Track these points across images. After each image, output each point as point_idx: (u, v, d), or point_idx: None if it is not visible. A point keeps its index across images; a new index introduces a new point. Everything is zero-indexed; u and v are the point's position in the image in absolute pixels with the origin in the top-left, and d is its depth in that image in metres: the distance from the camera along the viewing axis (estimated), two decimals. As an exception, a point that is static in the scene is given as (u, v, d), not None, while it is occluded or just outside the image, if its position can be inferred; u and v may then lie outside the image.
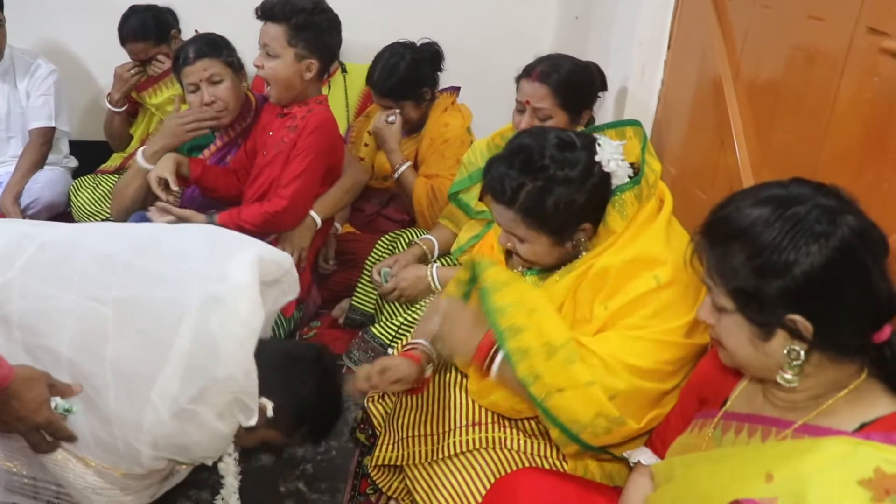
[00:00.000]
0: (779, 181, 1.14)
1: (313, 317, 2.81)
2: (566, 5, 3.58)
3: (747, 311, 1.09)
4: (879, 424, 1.05)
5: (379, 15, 3.61)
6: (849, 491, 0.94)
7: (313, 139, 2.36)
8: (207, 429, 1.48)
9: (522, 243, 1.60)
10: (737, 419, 1.25)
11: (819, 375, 1.09)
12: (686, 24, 2.36)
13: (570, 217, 1.54)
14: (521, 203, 1.53)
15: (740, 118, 1.91)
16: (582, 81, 2.24)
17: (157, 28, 3.14)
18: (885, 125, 1.39)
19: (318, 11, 2.37)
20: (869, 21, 1.44)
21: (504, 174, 1.54)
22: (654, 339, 1.49)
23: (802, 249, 1.01)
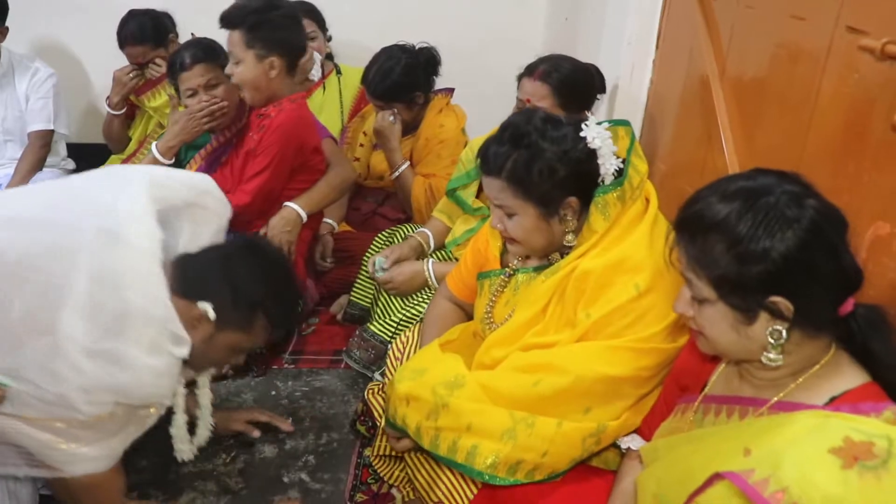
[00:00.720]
0: (742, 173, 1.22)
1: (311, 313, 2.85)
2: (556, 7, 3.62)
3: (730, 299, 1.14)
4: (848, 397, 1.12)
5: (372, 17, 3.65)
6: (820, 459, 0.99)
7: (276, 137, 2.40)
8: (137, 366, 1.45)
9: (511, 219, 1.63)
10: (716, 402, 1.32)
11: (798, 352, 1.16)
12: (674, 24, 2.40)
13: (555, 186, 1.58)
14: (508, 171, 1.58)
15: (727, 114, 1.96)
16: (582, 82, 2.28)
17: (155, 32, 3.17)
18: (865, 119, 1.44)
19: (269, 9, 2.37)
20: (848, 20, 1.49)
21: (494, 149, 1.60)
22: (632, 348, 1.54)
23: (778, 235, 1.08)
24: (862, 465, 0.97)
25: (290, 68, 2.46)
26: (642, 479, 1.38)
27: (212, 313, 1.58)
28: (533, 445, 1.52)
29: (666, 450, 1.35)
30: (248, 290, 1.62)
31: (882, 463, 0.97)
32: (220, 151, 2.69)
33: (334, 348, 2.66)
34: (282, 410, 2.34)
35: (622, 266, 1.57)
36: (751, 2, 1.91)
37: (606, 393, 1.55)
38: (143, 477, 2.03)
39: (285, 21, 2.40)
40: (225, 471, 2.07)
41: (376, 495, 1.98)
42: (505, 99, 3.43)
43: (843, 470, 0.98)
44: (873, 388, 1.14)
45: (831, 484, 0.97)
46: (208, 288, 1.59)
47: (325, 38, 3.32)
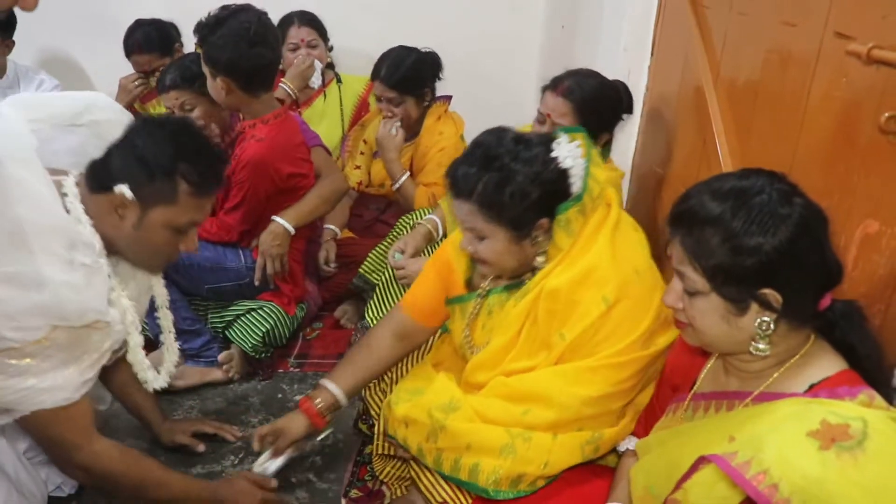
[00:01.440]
0: (733, 172, 1.30)
1: (316, 318, 2.90)
2: (553, 14, 3.66)
3: (723, 290, 1.20)
4: (826, 383, 1.19)
5: (371, 25, 3.69)
6: (799, 442, 1.05)
7: (247, 174, 2.38)
8: (52, 284, 1.42)
9: (482, 241, 1.61)
10: (704, 398, 1.38)
11: (782, 343, 1.23)
12: (668, 31, 2.45)
13: (526, 209, 1.56)
14: (478, 194, 1.56)
15: (721, 119, 2.00)
16: (606, 103, 2.21)
17: (160, 41, 3.23)
18: (853, 122, 1.48)
19: (216, 27, 2.28)
20: (836, 26, 1.53)
21: (464, 171, 1.58)
22: (609, 364, 1.56)
23: (770, 230, 1.15)
24: (839, 446, 1.03)
25: (246, 89, 2.35)
26: (634, 472, 1.44)
27: (128, 193, 1.57)
28: (532, 458, 1.55)
29: (656, 443, 1.42)
30: (157, 159, 1.60)
31: (858, 443, 1.02)
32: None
33: (338, 352, 2.70)
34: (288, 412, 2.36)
35: (588, 280, 1.58)
36: (743, 8, 1.95)
37: (594, 412, 1.58)
38: (153, 478, 2.07)
39: (227, 41, 2.27)
40: (234, 472, 2.11)
41: (371, 492, 2.02)
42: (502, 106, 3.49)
43: (820, 451, 1.03)
44: (850, 375, 1.20)
45: (810, 465, 1.03)
46: (119, 171, 1.58)
47: (326, 46, 3.36)
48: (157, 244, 1.67)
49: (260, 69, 2.37)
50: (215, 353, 2.54)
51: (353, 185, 3.10)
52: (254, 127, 2.42)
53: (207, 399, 2.46)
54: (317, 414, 1.87)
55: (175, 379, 2.44)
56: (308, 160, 2.58)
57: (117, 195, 1.58)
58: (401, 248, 2.48)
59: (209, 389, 2.50)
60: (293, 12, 3.23)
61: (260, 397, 2.48)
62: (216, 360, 2.53)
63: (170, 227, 1.66)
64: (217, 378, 2.52)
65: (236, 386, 2.53)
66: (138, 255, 1.66)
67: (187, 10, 3.30)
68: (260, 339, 2.50)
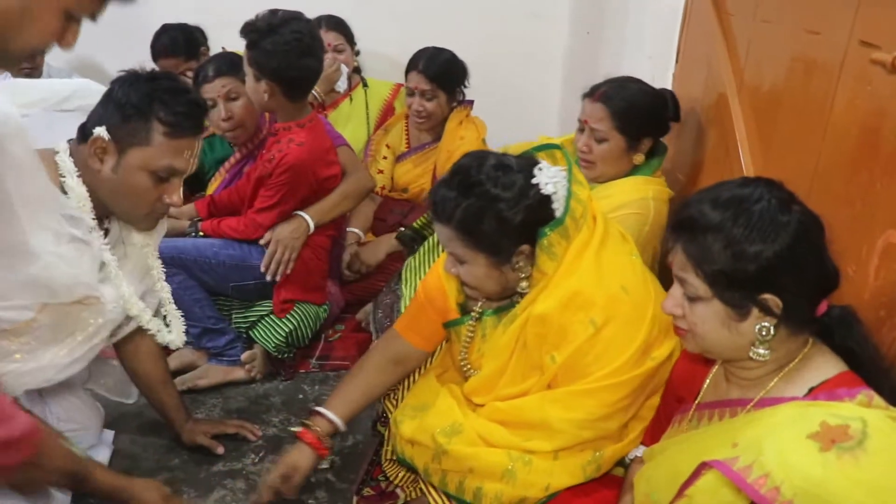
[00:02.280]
0: (733, 181, 1.30)
1: (337, 320, 2.91)
2: (577, 21, 3.67)
3: (725, 296, 1.22)
4: (825, 386, 1.20)
5: (396, 32, 3.71)
6: (799, 444, 1.06)
7: (286, 177, 2.41)
8: (45, 256, 1.46)
9: (463, 265, 1.61)
10: (708, 407, 1.39)
11: (782, 348, 1.24)
12: (693, 38, 2.45)
13: (506, 236, 1.55)
14: (457, 220, 1.55)
15: (744, 126, 2.00)
16: (645, 108, 2.17)
17: (187, 45, 3.29)
18: (876, 130, 1.47)
19: (268, 33, 2.31)
20: (861, 34, 1.53)
21: (443, 195, 1.57)
22: (603, 387, 1.55)
23: (771, 237, 1.17)
24: (839, 447, 1.04)
25: (288, 95, 2.40)
26: (636, 480, 1.45)
27: (105, 133, 1.61)
28: (534, 482, 1.56)
29: (658, 451, 1.43)
30: (131, 100, 1.63)
31: (858, 443, 1.03)
32: (242, 164, 2.77)
33: (359, 353, 2.71)
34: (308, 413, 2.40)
35: (574, 303, 1.56)
36: (767, 16, 1.95)
37: (593, 435, 1.58)
38: (175, 474, 2.11)
39: (279, 49, 2.31)
40: (254, 470, 2.14)
41: (383, 492, 2.03)
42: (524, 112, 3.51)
43: (821, 453, 1.04)
44: (849, 376, 1.22)
45: (811, 466, 1.04)
46: (98, 118, 1.64)
47: (352, 51, 3.39)
48: (137, 189, 1.67)
49: (306, 79, 2.43)
50: (238, 352, 2.57)
51: (377, 190, 3.13)
52: (289, 130, 2.45)
53: (230, 398, 2.49)
54: (319, 443, 1.84)
55: (198, 378, 2.50)
56: (337, 162, 2.61)
57: (95, 138, 1.62)
58: None
59: (231, 388, 2.53)
60: (321, 16, 3.27)
61: (281, 397, 2.50)
62: (239, 360, 2.56)
63: (146, 169, 1.66)
64: (239, 377, 2.55)
65: (258, 385, 2.56)
66: (121, 203, 1.68)
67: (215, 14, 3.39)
68: (283, 340, 2.52)
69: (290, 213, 2.51)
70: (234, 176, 2.75)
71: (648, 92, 2.20)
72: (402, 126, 3.20)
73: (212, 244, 2.51)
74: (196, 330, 2.53)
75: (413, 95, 2.97)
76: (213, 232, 2.55)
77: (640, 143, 2.18)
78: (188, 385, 2.47)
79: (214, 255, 2.49)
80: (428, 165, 3.04)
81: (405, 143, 3.19)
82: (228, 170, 2.78)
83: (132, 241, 1.82)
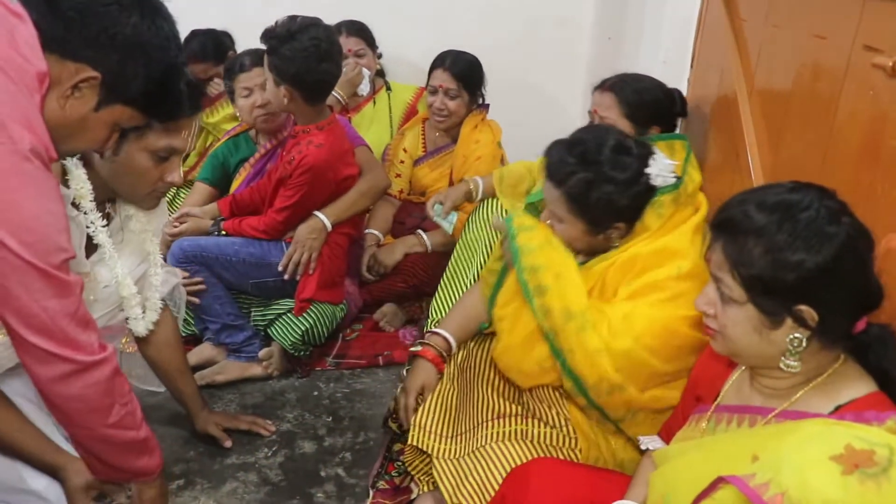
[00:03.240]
0: (783, 184, 1.25)
1: (355, 319, 2.95)
2: (601, 26, 3.69)
3: (760, 301, 1.18)
4: (853, 405, 1.15)
5: (418, 36, 3.73)
6: (821, 465, 1.01)
7: (306, 178, 2.46)
8: None
9: (560, 223, 1.74)
10: (727, 411, 1.36)
11: (812, 361, 1.20)
12: (707, 44, 2.46)
13: (609, 214, 1.69)
14: (568, 187, 1.68)
15: (754, 130, 2.00)
16: (653, 97, 2.25)
17: (215, 50, 3.35)
18: (878, 134, 1.48)
19: (288, 39, 2.35)
20: (864, 39, 1.54)
21: (562, 158, 1.70)
22: (661, 317, 1.61)
23: (815, 248, 1.13)
24: (862, 472, 0.99)
25: (307, 99, 2.45)
26: (653, 479, 1.43)
27: None
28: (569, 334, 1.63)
29: (677, 454, 1.39)
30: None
31: (882, 471, 0.98)
32: (266, 158, 2.82)
33: (376, 353, 2.77)
34: (323, 410, 2.45)
35: (667, 251, 1.67)
36: (778, 21, 1.96)
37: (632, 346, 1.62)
38: (190, 466, 2.17)
39: (299, 55, 2.35)
40: (266, 463, 2.19)
41: (397, 487, 2.06)
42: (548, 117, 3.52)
43: (843, 476, 0.99)
44: (879, 398, 1.17)
45: (831, 489, 0.99)
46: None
47: (374, 55, 3.43)
48: (139, 170, 1.70)
49: (324, 83, 2.48)
50: (256, 348, 2.62)
51: (395, 193, 3.17)
52: (309, 133, 2.51)
53: (246, 394, 2.54)
54: (440, 359, 1.95)
55: (217, 374, 2.56)
56: (355, 163, 2.66)
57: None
58: (440, 200, 2.59)
59: (248, 384, 2.59)
60: (342, 22, 3.31)
61: (297, 394, 2.55)
62: (257, 356, 2.61)
63: (147, 151, 1.69)
64: (256, 374, 2.60)
65: (274, 382, 2.61)
66: (124, 183, 1.72)
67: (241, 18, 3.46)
68: (300, 337, 2.56)
69: (309, 212, 2.56)
70: (258, 171, 2.81)
71: (656, 84, 2.29)
72: (419, 130, 3.23)
73: (233, 242, 2.57)
74: (216, 326, 2.59)
75: (436, 94, 2.99)
76: (234, 231, 2.61)
77: (647, 131, 2.22)
78: (207, 380, 2.53)
79: (235, 253, 2.55)
80: (444, 169, 3.07)
81: (422, 146, 3.22)
82: (253, 164, 2.84)
83: (130, 228, 1.86)
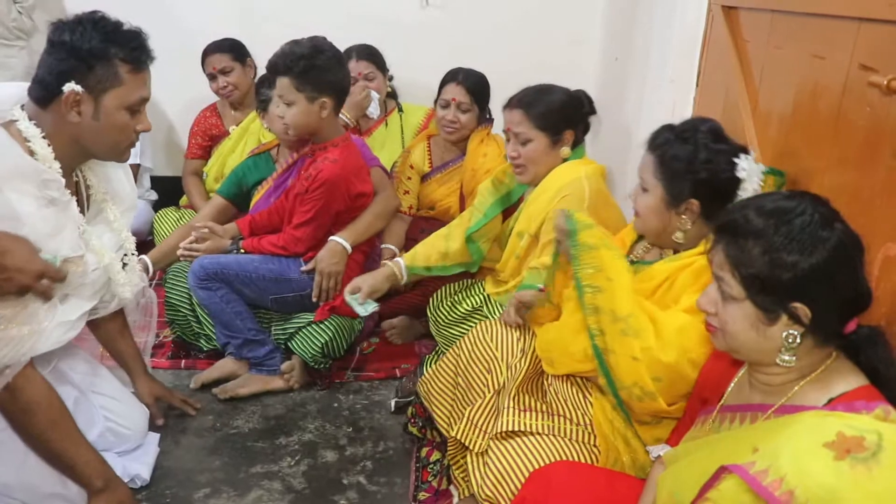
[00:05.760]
0: (780, 192, 1.38)
1: (371, 333, 3.04)
2: (608, 47, 3.78)
3: (758, 299, 1.28)
4: (845, 398, 1.24)
5: (428, 58, 3.82)
6: (815, 452, 1.10)
7: (322, 192, 2.56)
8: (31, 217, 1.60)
9: (644, 194, 1.83)
10: (731, 410, 1.45)
11: (806, 358, 1.29)
12: (712, 64, 2.54)
13: (686, 181, 1.75)
14: (661, 149, 1.78)
15: (758, 145, 2.07)
16: (558, 102, 2.37)
17: (233, 46, 3.53)
18: (875, 149, 1.55)
19: (315, 54, 2.49)
20: (860, 59, 1.62)
21: (665, 136, 1.81)
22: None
23: (809, 250, 1.23)
24: (853, 458, 1.07)
25: (338, 107, 2.62)
26: (662, 479, 1.50)
27: (78, 87, 1.71)
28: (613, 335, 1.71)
29: (684, 453, 1.48)
30: (91, 49, 1.72)
31: (872, 455, 1.07)
32: (287, 175, 2.89)
33: (393, 365, 2.86)
34: (343, 420, 2.53)
35: None
36: (779, 42, 2.04)
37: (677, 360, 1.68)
38: (215, 475, 2.24)
39: (331, 63, 2.53)
40: (290, 472, 2.25)
41: (437, 492, 2.13)
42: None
43: (835, 461, 1.08)
44: (869, 390, 1.25)
45: (825, 473, 1.07)
46: (59, 74, 1.71)
47: (384, 78, 3.51)
48: (120, 126, 1.80)
49: (349, 85, 2.67)
50: (278, 362, 2.70)
51: (405, 210, 3.25)
52: (325, 150, 2.62)
53: (268, 405, 2.62)
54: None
55: (239, 387, 2.63)
56: (369, 180, 2.77)
57: (69, 94, 1.71)
58: (358, 287, 2.50)
59: (270, 397, 2.66)
60: (352, 47, 3.40)
61: (317, 405, 2.62)
62: (278, 369, 2.69)
63: (123, 107, 1.79)
64: (278, 386, 2.68)
65: (295, 394, 2.68)
66: (105, 143, 1.81)
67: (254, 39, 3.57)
68: (319, 350, 2.63)
69: (326, 227, 2.65)
70: (278, 186, 2.88)
71: (560, 90, 2.42)
72: (425, 146, 3.30)
73: (252, 259, 2.66)
74: (238, 341, 2.67)
75: (447, 107, 3.07)
76: (254, 249, 2.69)
77: (562, 137, 2.37)
78: (230, 393, 2.61)
79: (255, 270, 2.63)
80: (453, 184, 3.15)
81: (428, 162, 3.29)
82: (275, 178, 2.91)
83: (108, 219, 1.98)
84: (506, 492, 1.72)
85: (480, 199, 2.57)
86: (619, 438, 1.82)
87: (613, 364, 1.72)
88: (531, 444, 1.76)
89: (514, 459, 1.75)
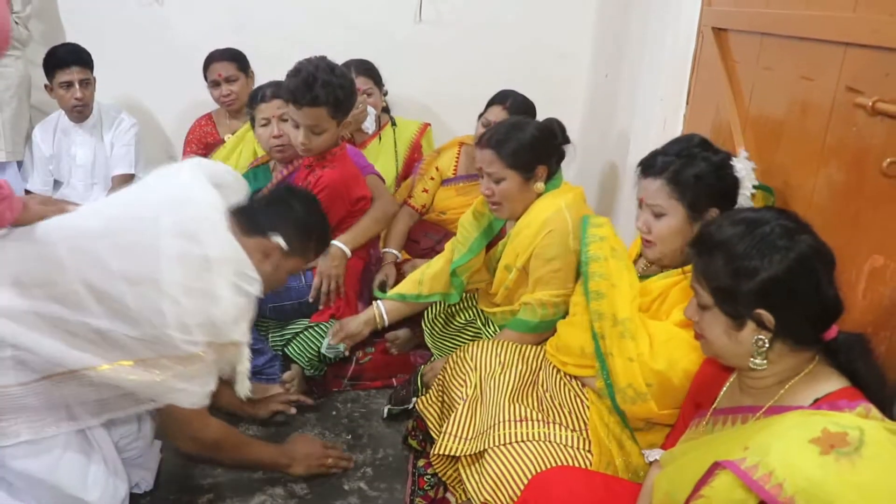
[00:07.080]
0: (751, 207, 1.51)
1: (367, 342, 3.04)
2: (597, 64, 3.86)
3: (724, 307, 1.37)
4: (829, 398, 1.32)
5: (423, 75, 3.92)
6: (802, 447, 1.17)
7: (324, 196, 2.57)
8: (225, 302, 1.75)
9: (661, 218, 1.88)
10: (723, 413, 1.52)
11: (781, 362, 1.37)
12: (702, 83, 2.62)
13: (704, 193, 1.84)
14: (668, 172, 1.86)
15: (747, 163, 2.17)
16: (528, 140, 2.34)
17: (238, 55, 3.58)
18: (861, 167, 1.64)
19: (345, 81, 2.60)
20: (847, 81, 1.70)
21: (656, 155, 1.91)
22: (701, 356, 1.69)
23: (767, 259, 1.31)
24: (837, 452, 1.14)
25: (343, 120, 2.73)
26: (658, 480, 1.57)
27: (283, 243, 1.98)
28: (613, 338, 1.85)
29: (680, 454, 1.55)
30: (315, 227, 2.12)
31: (855, 449, 1.14)
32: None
33: (390, 374, 2.90)
34: (342, 428, 2.57)
35: None
36: (768, 63, 2.12)
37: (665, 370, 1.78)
38: (218, 481, 2.27)
39: (345, 81, 2.62)
40: (292, 478, 2.29)
41: (434, 500, 2.18)
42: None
43: (821, 456, 1.15)
44: (851, 391, 1.33)
45: (811, 468, 1.14)
46: (274, 224, 1.99)
47: (381, 93, 3.58)
48: (275, 284, 2.06)
49: None
50: (277, 370, 2.73)
51: (418, 207, 3.32)
52: (323, 159, 2.70)
53: (268, 413, 2.65)
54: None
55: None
56: (366, 185, 2.87)
57: (272, 242, 1.99)
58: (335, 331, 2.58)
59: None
60: (350, 61, 3.45)
61: (316, 414, 2.66)
62: (277, 377, 2.72)
63: (291, 272, 2.10)
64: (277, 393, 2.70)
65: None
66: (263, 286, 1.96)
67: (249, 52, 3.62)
68: (315, 355, 2.65)
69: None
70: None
71: (530, 125, 2.40)
72: (455, 152, 3.34)
73: (251, 269, 2.69)
74: (237, 349, 2.71)
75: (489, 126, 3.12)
76: None
77: (534, 173, 2.36)
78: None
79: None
80: (470, 198, 3.15)
81: (453, 168, 3.34)
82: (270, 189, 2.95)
83: None
84: (504, 496, 1.77)
85: (464, 233, 2.58)
86: (613, 442, 1.89)
87: (611, 366, 1.83)
88: (529, 450, 1.82)
89: (513, 464, 1.79)
